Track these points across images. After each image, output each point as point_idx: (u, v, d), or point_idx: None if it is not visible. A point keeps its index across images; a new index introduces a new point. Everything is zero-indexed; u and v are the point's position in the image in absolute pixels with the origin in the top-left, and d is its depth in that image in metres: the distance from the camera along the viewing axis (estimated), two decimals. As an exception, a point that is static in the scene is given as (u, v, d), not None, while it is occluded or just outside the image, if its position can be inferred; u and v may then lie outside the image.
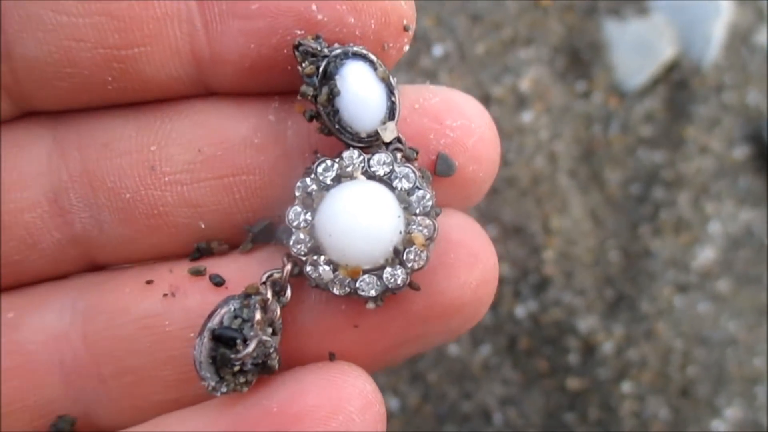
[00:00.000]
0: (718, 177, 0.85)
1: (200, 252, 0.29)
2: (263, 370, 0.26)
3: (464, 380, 0.77)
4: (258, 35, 0.24)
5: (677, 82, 0.87)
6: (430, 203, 0.25)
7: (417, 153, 0.27)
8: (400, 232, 0.25)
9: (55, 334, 0.27)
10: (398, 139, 0.26)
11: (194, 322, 0.27)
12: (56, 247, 0.28)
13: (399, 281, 0.25)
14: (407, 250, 0.25)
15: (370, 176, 0.26)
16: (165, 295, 0.28)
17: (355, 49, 0.24)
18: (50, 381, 0.28)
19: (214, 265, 0.29)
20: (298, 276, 0.27)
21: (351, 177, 0.26)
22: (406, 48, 0.26)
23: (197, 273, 0.29)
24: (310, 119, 0.26)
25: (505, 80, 0.85)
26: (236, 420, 0.25)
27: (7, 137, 0.26)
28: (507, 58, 0.86)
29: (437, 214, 0.26)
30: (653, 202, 0.84)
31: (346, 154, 0.26)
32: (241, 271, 0.28)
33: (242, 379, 0.25)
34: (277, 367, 0.26)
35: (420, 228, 0.25)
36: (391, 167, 0.25)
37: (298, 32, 0.24)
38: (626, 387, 0.77)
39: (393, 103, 0.25)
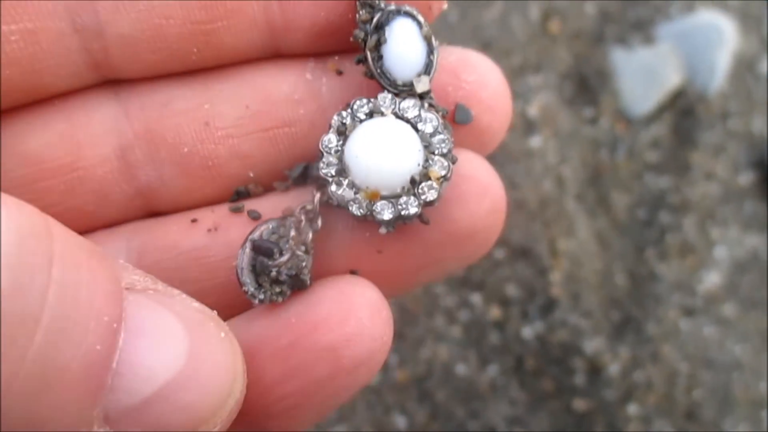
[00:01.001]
0: (723, 202, 0.86)
1: (239, 195, 0.32)
2: (296, 283, 0.28)
3: (472, 399, 0.78)
4: (326, 5, 0.28)
5: (683, 109, 0.89)
6: (448, 147, 0.28)
7: (446, 112, 0.29)
8: (419, 165, 0.27)
9: None
10: (429, 94, 0.29)
11: (235, 252, 0.29)
12: (124, 199, 0.31)
13: (411, 210, 0.27)
14: (423, 183, 0.27)
15: (399, 117, 0.28)
16: (209, 230, 0.30)
17: (406, 8, 0.28)
18: None
19: (252, 204, 0.32)
20: (327, 204, 0.29)
21: (382, 114, 0.29)
22: (445, 6, 0.30)
23: (237, 210, 0.31)
24: (358, 62, 0.28)
25: (515, 105, 0.87)
26: (261, 333, 0.27)
27: (78, 102, 0.29)
28: (516, 84, 0.88)
29: (454, 161, 0.28)
30: (659, 226, 0.85)
31: (380, 95, 0.29)
32: (277, 207, 0.31)
33: (278, 289, 0.28)
34: (308, 283, 0.28)
35: (437, 166, 0.28)
36: (418, 112, 0.28)
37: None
38: (632, 409, 0.78)
39: (431, 60, 0.28)
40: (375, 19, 0.27)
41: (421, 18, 0.28)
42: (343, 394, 0.27)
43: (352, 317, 0.26)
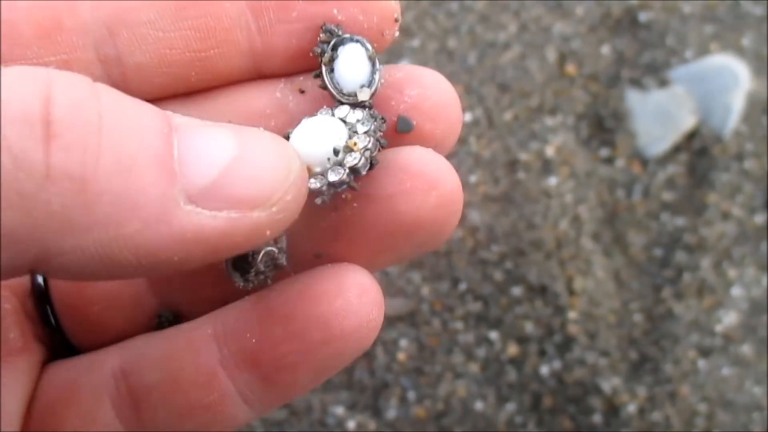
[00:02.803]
0: (740, 242, 0.87)
1: None
2: (276, 268, 0.33)
3: (489, 437, 0.78)
4: (297, 33, 0.33)
5: (698, 150, 0.90)
6: (369, 126, 0.32)
7: (384, 121, 0.33)
8: (340, 139, 0.31)
9: None
10: (370, 103, 0.34)
11: None
12: None
13: (335, 177, 0.31)
14: (346, 154, 0.31)
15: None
16: None
17: (357, 37, 0.33)
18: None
19: None
20: None
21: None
22: (397, 33, 0.34)
23: None
24: (315, 77, 0.34)
25: (532, 146, 0.88)
26: (270, 302, 0.32)
27: None
28: (534, 125, 0.90)
29: (381, 145, 0.32)
30: (676, 266, 0.86)
31: (319, 111, 0.34)
32: None
33: (262, 277, 0.33)
34: (285, 262, 0.33)
35: (358, 138, 0.32)
36: (347, 111, 0.33)
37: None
38: (650, 449, 0.78)
39: (374, 78, 0.33)
40: (332, 42, 0.33)
41: (368, 45, 0.33)
42: (337, 360, 0.32)
43: (341, 295, 0.31)
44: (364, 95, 0.33)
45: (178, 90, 0.34)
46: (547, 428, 0.78)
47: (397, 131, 0.34)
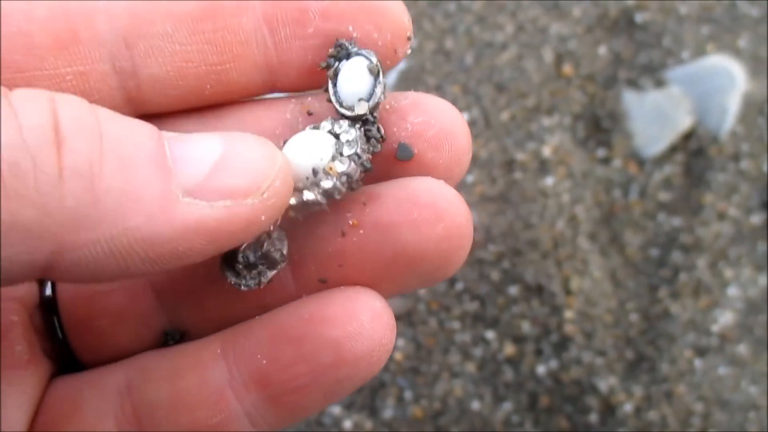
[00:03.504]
0: (736, 242, 0.87)
1: None
2: (270, 262, 0.32)
3: (486, 436, 0.78)
4: (313, 49, 0.33)
5: (695, 150, 0.91)
6: (352, 150, 0.32)
7: (380, 141, 0.33)
8: (321, 160, 0.32)
9: None
10: (370, 117, 0.34)
11: None
12: None
13: (308, 196, 0.32)
14: (324, 176, 0.32)
15: (331, 133, 0.34)
16: None
17: (363, 51, 0.33)
18: None
19: None
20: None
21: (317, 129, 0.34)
22: (409, 51, 0.35)
23: None
24: (325, 90, 0.34)
25: (529, 146, 0.89)
26: (281, 323, 0.32)
27: None
28: (530, 125, 0.90)
29: (366, 168, 0.33)
30: (672, 266, 0.86)
31: (324, 121, 0.34)
32: None
33: (254, 272, 0.32)
34: (279, 258, 0.32)
35: (337, 162, 0.32)
36: (344, 128, 0.33)
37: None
38: (647, 448, 0.78)
39: (374, 91, 0.33)
40: (341, 56, 0.33)
41: (372, 58, 0.33)
42: (347, 383, 0.32)
43: (354, 318, 0.31)
44: (361, 108, 0.33)
45: (192, 103, 0.34)
46: (544, 428, 0.79)
47: (396, 157, 0.33)
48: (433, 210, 0.31)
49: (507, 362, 0.81)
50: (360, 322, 0.31)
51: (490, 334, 0.82)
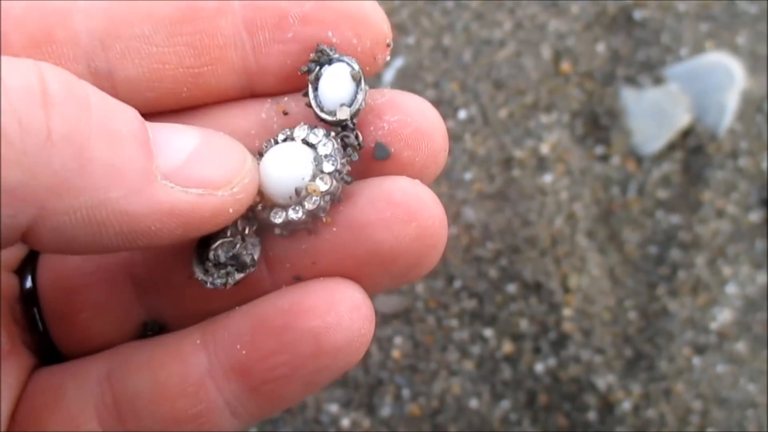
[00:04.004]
0: (734, 240, 0.87)
1: None
2: (239, 264, 0.33)
3: (484, 434, 0.78)
4: (292, 54, 0.33)
5: (693, 148, 0.90)
6: (332, 167, 0.32)
7: (360, 146, 0.33)
8: (303, 179, 0.32)
9: None
10: (350, 125, 0.33)
11: None
12: None
13: (293, 216, 0.32)
14: (307, 195, 0.32)
15: (306, 143, 0.34)
16: None
17: (345, 58, 0.33)
18: None
19: None
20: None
21: (292, 140, 0.34)
22: (388, 57, 0.35)
23: None
24: (304, 95, 0.34)
25: (527, 143, 0.88)
26: (262, 313, 0.33)
27: None
28: (529, 123, 0.90)
29: (347, 181, 0.33)
30: (671, 264, 0.86)
31: (299, 125, 0.34)
32: None
33: (222, 271, 0.33)
34: (249, 262, 0.33)
35: (318, 181, 0.32)
36: (320, 138, 0.33)
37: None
38: (645, 446, 0.78)
39: (356, 97, 0.33)
40: (322, 61, 0.33)
41: (354, 65, 0.33)
42: (326, 373, 0.33)
43: (333, 309, 0.31)
44: (343, 114, 0.33)
45: (168, 105, 0.34)
46: (542, 426, 0.78)
47: (373, 157, 0.33)
48: (406, 209, 0.32)
49: (505, 360, 0.81)
50: (339, 313, 0.31)
51: (488, 332, 0.82)
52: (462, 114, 0.90)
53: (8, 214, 0.24)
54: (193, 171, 0.28)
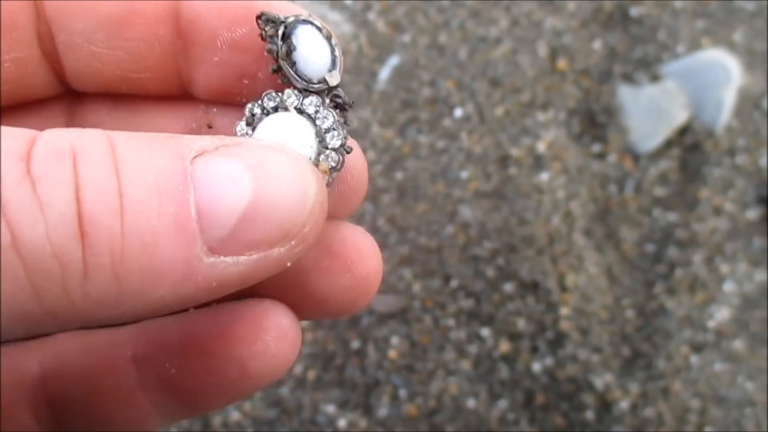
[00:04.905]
0: (732, 237, 0.87)
1: None
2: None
3: (482, 434, 0.78)
4: (223, 75, 0.33)
5: (690, 145, 0.90)
6: (340, 141, 0.31)
7: (353, 103, 0.33)
8: (310, 158, 0.30)
9: None
10: (338, 89, 0.32)
11: None
12: None
13: None
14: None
15: (300, 112, 0.32)
16: None
17: (304, 16, 0.31)
18: None
19: None
20: None
21: (286, 109, 0.32)
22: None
23: None
24: (273, 72, 0.32)
25: (523, 141, 0.88)
26: (190, 338, 0.34)
27: (39, 109, 0.36)
28: (525, 121, 0.89)
29: (348, 151, 0.32)
30: (668, 262, 0.85)
31: (287, 91, 0.32)
32: None
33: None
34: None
35: (327, 159, 0.31)
36: (317, 108, 0.31)
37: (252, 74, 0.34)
38: (643, 445, 0.78)
39: (335, 56, 0.31)
40: (281, 32, 0.31)
41: (318, 22, 0.31)
42: (251, 391, 0.35)
43: (260, 339, 0.33)
44: (335, 79, 0.31)
45: (109, 94, 0.35)
46: (540, 425, 0.78)
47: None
48: (344, 261, 0.33)
49: (502, 360, 0.80)
50: (265, 342, 0.33)
51: (485, 332, 0.81)
52: (458, 112, 0.89)
53: (56, 329, 0.25)
54: (245, 236, 0.25)
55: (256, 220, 0.25)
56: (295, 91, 0.32)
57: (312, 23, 0.31)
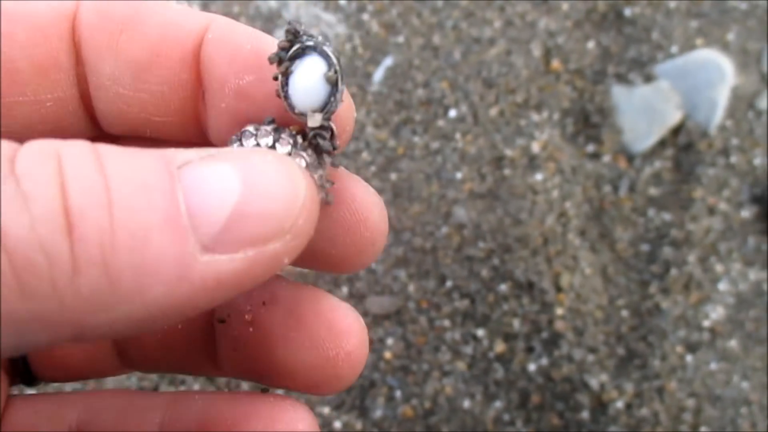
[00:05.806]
0: (726, 237, 0.87)
1: None
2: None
3: (477, 435, 0.78)
4: (230, 124, 0.33)
5: (684, 145, 0.90)
6: (322, 179, 0.31)
7: (334, 148, 0.31)
8: None
9: None
10: (324, 130, 0.31)
11: None
12: None
13: None
14: None
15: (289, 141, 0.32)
16: None
17: (323, 47, 0.29)
18: None
19: None
20: None
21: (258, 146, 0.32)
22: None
23: None
24: (275, 79, 0.31)
25: (518, 142, 0.88)
26: (211, 419, 0.34)
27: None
28: (519, 121, 0.89)
29: (327, 202, 0.31)
30: (663, 262, 0.85)
31: (263, 126, 0.31)
32: None
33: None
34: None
35: None
36: (288, 149, 0.31)
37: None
38: (639, 445, 0.78)
39: (331, 101, 0.30)
40: (292, 50, 0.30)
41: (334, 59, 0.30)
42: None
43: None
44: (314, 121, 0.30)
45: (139, 137, 0.35)
46: (535, 426, 0.78)
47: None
48: (333, 341, 0.33)
49: (497, 360, 0.80)
50: None
51: (480, 332, 0.81)
52: (452, 113, 0.89)
53: (46, 338, 0.24)
54: (238, 232, 0.25)
55: (248, 216, 0.25)
56: (272, 129, 0.31)
57: (324, 57, 0.30)
